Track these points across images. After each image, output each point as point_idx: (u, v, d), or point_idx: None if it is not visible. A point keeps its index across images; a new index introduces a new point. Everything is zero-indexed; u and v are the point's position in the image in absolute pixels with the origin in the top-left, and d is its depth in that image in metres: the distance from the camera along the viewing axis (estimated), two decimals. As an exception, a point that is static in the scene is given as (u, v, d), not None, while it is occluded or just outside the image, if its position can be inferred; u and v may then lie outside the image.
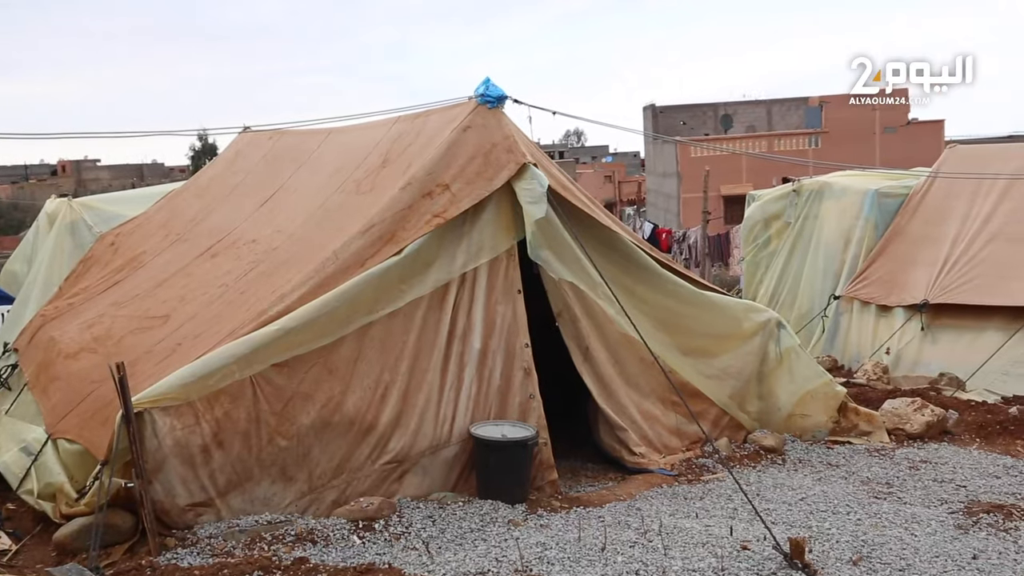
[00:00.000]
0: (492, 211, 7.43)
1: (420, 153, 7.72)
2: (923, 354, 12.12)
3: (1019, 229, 12.24)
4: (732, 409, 8.68)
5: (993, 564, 5.63)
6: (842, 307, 13.61)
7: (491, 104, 7.63)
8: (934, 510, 6.84)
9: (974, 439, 9.08)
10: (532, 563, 5.65)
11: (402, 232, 7.16)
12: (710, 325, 8.52)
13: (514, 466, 7.04)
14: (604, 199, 53.45)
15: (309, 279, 6.90)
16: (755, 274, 15.98)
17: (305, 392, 6.65)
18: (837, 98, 45.69)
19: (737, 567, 5.51)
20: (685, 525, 6.36)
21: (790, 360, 8.79)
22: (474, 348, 7.32)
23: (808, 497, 7.13)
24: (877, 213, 13.81)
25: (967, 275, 12.11)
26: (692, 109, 53.84)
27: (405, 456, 7.00)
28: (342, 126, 9.96)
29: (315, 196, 8.70)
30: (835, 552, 5.85)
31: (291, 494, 6.59)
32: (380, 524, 6.37)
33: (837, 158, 29.43)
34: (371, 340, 6.97)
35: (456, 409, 7.25)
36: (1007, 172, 12.99)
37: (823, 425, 8.93)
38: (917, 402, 9.37)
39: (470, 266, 7.37)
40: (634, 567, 5.54)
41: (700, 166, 26.59)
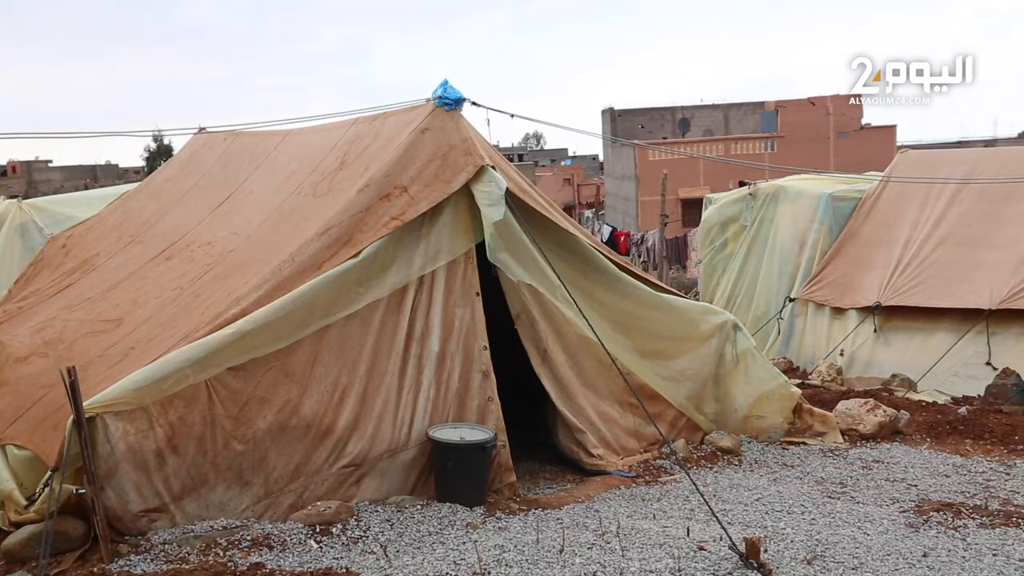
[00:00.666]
0: (450, 214, 7.42)
1: (378, 155, 7.69)
2: (876, 355, 12.33)
3: (967, 233, 12.49)
4: (689, 411, 8.74)
5: (942, 561, 5.73)
6: (797, 309, 13.80)
7: (449, 106, 7.62)
8: (886, 509, 6.94)
9: (925, 439, 9.24)
10: (490, 566, 5.65)
11: (359, 235, 7.12)
12: (667, 327, 8.58)
13: (472, 469, 7.03)
14: (563, 202, 53.63)
15: (265, 282, 6.84)
16: (712, 276, 16.14)
17: (261, 396, 6.59)
18: (792, 103, 46.35)
19: (694, 567, 5.56)
20: (643, 526, 6.39)
21: (746, 362, 8.88)
22: (432, 351, 7.31)
23: (764, 497, 7.20)
24: (831, 216, 14.03)
25: (918, 278, 12.34)
26: (650, 113, 54.24)
27: (363, 459, 6.96)
28: (299, 128, 9.89)
29: (272, 198, 8.63)
30: (790, 551, 5.91)
31: (247, 499, 6.52)
32: (338, 528, 6.33)
33: (792, 162, 29.82)
34: (328, 343, 6.93)
35: (414, 412, 7.22)
36: (956, 176, 13.25)
37: (779, 426, 9.03)
38: (870, 403, 9.51)
39: (428, 269, 7.35)
40: (592, 568, 5.56)
41: (658, 169, 26.83)
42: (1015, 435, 9.05)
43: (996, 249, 11.98)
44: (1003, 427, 9.25)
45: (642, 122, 53.88)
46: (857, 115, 45.94)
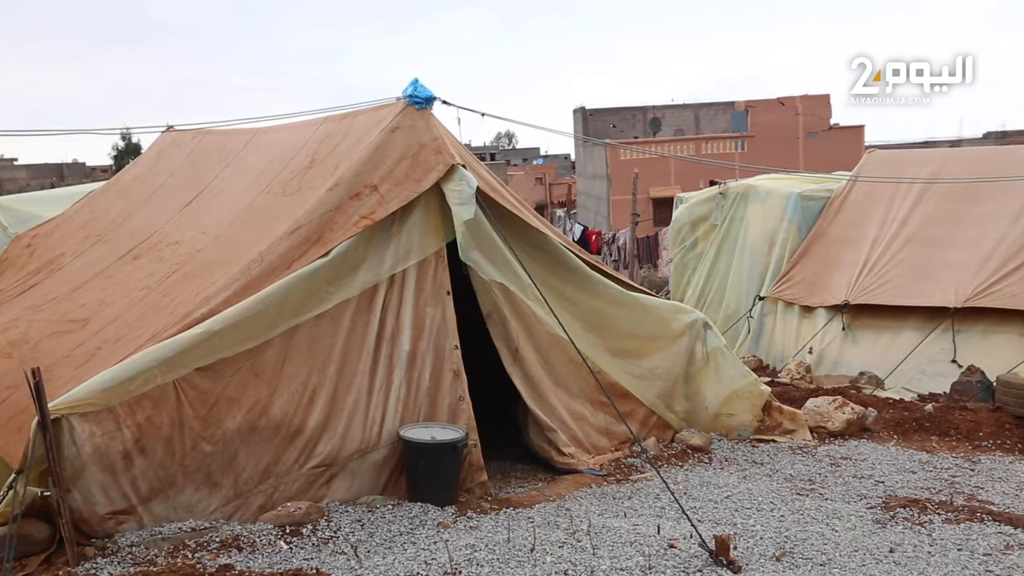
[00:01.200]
0: (421, 213, 7.40)
1: (348, 154, 7.66)
2: (844, 354, 12.45)
3: (933, 232, 12.65)
4: (660, 409, 8.78)
5: (909, 557, 5.79)
6: (767, 308, 13.91)
7: (419, 105, 7.61)
8: (853, 505, 7.01)
9: (892, 436, 9.34)
10: (461, 565, 5.65)
11: (329, 234, 7.09)
12: (638, 326, 8.61)
13: (444, 468, 7.02)
14: (535, 201, 53.68)
15: (234, 281, 6.79)
16: (683, 275, 16.24)
17: (231, 396, 6.54)
18: (762, 103, 46.73)
19: (664, 565, 5.58)
20: (613, 524, 6.41)
21: (716, 360, 8.93)
22: (403, 350, 7.29)
23: (734, 495, 7.25)
24: (800, 216, 14.15)
25: (885, 277, 12.48)
26: (621, 112, 54.46)
27: (333, 460, 6.93)
28: (268, 126, 9.83)
29: (241, 197, 8.57)
30: (759, 548, 5.96)
31: (216, 500, 6.47)
32: (308, 529, 6.29)
33: (762, 161, 30.06)
34: (298, 343, 6.89)
35: (385, 412, 7.20)
36: (923, 176, 13.42)
37: (748, 424, 9.09)
38: (838, 400, 9.59)
39: (399, 268, 7.33)
40: (563, 567, 5.57)
41: (629, 169, 26.93)
42: (979, 431, 9.17)
43: (961, 248, 12.14)
44: (968, 424, 9.37)
45: (614, 121, 54.08)
46: (826, 115, 46.43)
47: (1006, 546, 5.97)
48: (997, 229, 12.03)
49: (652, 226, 32.32)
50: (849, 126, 46.99)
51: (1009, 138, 46.26)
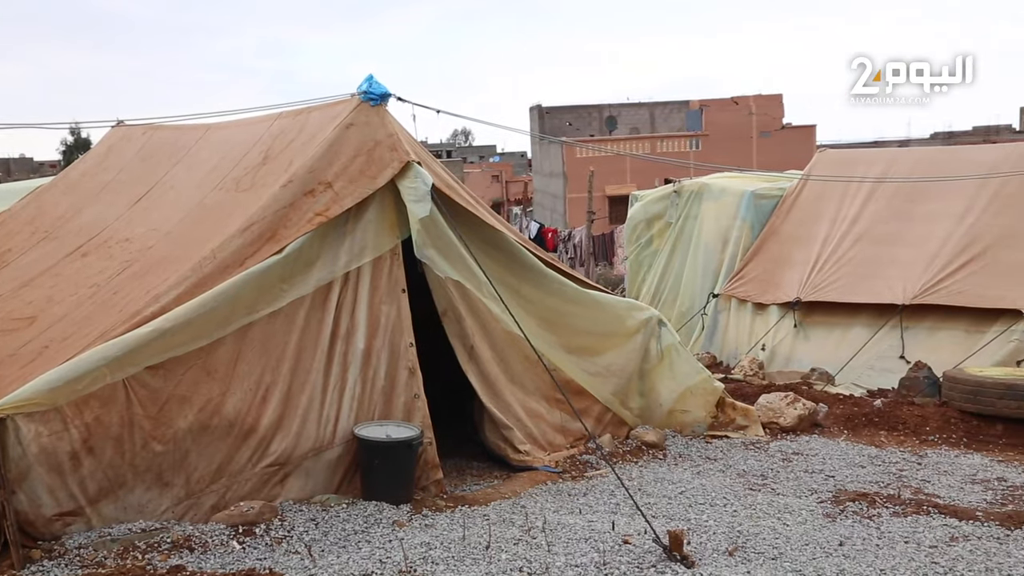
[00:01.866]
0: (376, 210, 7.37)
1: (302, 150, 7.59)
2: (796, 350, 12.62)
3: (883, 230, 12.86)
4: (615, 406, 8.83)
5: (858, 550, 5.89)
6: (720, 305, 14.05)
7: (374, 101, 7.57)
8: (805, 500, 7.11)
9: (842, 431, 9.49)
10: (416, 563, 5.63)
11: (283, 231, 7.02)
12: (594, 323, 8.65)
13: (399, 466, 7.00)
14: (491, 199, 53.70)
15: (186, 279, 6.70)
16: (638, 273, 16.34)
17: (182, 395, 6.46)
18: (716, 102, 47.18)
19: (618, 561, 5.61)
20: (568, 521, 6.44)
21: (671, 357, 9.01)
22: (358, 348, 7.25)
23: (687, 490, 7.32)
24: (753, 214, 14.30)
25: (836, 274, 12.66)
26: (577, 110, 54.66)
27: (287, 459, 6.87)
28: (221, 122, 9.70)
29: (193, 194, 8.46)
30: (712, 543, 6.01)
31: (167, 500, 6.39)
32: (261, 528, 6.24)
33: (717, 160, 30.35)
34: (251, 341, 6.82)
35: (340, 410, 7.16)
36: (872, 175, 13.63)
37: (702, 420, 9.18)
38: (790, 396, 9.73)
39: (353, 265, 7.29)
40: (518, 564, 5.58)
41: (585, 167, 27.01)
42: (926, 426, 9.36)
43: (909, 246, 12.36)
44: (915, 418, 9.55)
45: (570, 120, 54.25)
46: (779, 115, 47.01)
47: (951, 538, 6.10)
48: (943, 227, 12.26)
49: (608, 224, 32.49)
50: (801, 126, 47.68)
51: (955, 138, 47.20)
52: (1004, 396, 9.09)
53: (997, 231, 11.83)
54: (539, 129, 51.14)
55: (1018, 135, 47.65)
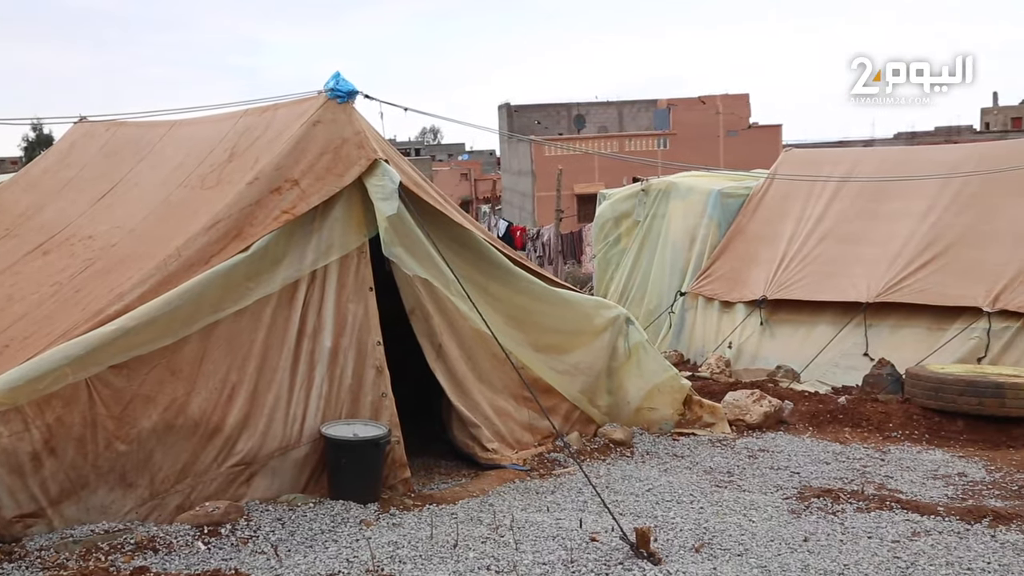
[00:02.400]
0: (343, 208, 7.33)
1: (268, 148, 7.54)
2: (762, 348, 12.73)
3: (847, 229, 13.00)
4: (583, 404, 8.85)
5: (822, 545, 5.95)
6: (688, 303, 14.13)
7: (341, 99, 7.53)
8: (770, 496, 7.17)
9: (807, 428, 9.59)
10: (384, 562, 5.62)
11: (249, 228, 6.97)
12: (562, 321, 8.67)
13: (366, 465, 6.97)
14: (460, 197, 53.63)
15: (150, 277, 6.63)
16: (606, 271, 16.39)
17: (146, 394, 6.39)
18: (684, 101, 47.45)
19: (586, 558, 5.63)
20: (536, 519, 6.45)
21: (638, 355, 9.05)
22: (325, 347, 7.21)
23: (655, 488, 7.36)
24: (720, 212, 14.39)
25: (801, 272, 12.78)
26: (546, 109, 54.75)
27: (253, 458, 6.82)
28: (186, 118, 9.60)
29: (157, 191, 8.37)
30: (679, 540, 6.05)
31: (131, 501, 6.32)
32: (227, 529, 6.18)
33: (684, 159, 30.51)
34: (217, 339, 6.76)
35: (306, 409, 7.11)
36: (837, 175, 13.77)
37: (669, 418, 9.23)
38: (756, 394, 9.81)
39: (320, 263, 7.25)
40: (485, 562, 5.58)
41: (554, 165, 27.07)
42: (889, 422, 9.48)
43: (873, 245, 12.50)
44: (879, 415, 9.67)
45: (538, 118, 54.33)
46: (745, 114, 47.39)
47: (913, 533, 6.18)
48: (906, 226, 12.42)
49: (576, 222, 32.53)
50: (767, 125, 48.07)
51: (918, 139, 47.80)
52: (965, 393, 9.24)
53: (959, 230, 12.01)
54: (508, 127, 51.16)
55: (979, 136, 48.36)
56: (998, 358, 10.59)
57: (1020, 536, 6.10)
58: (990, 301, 10.89)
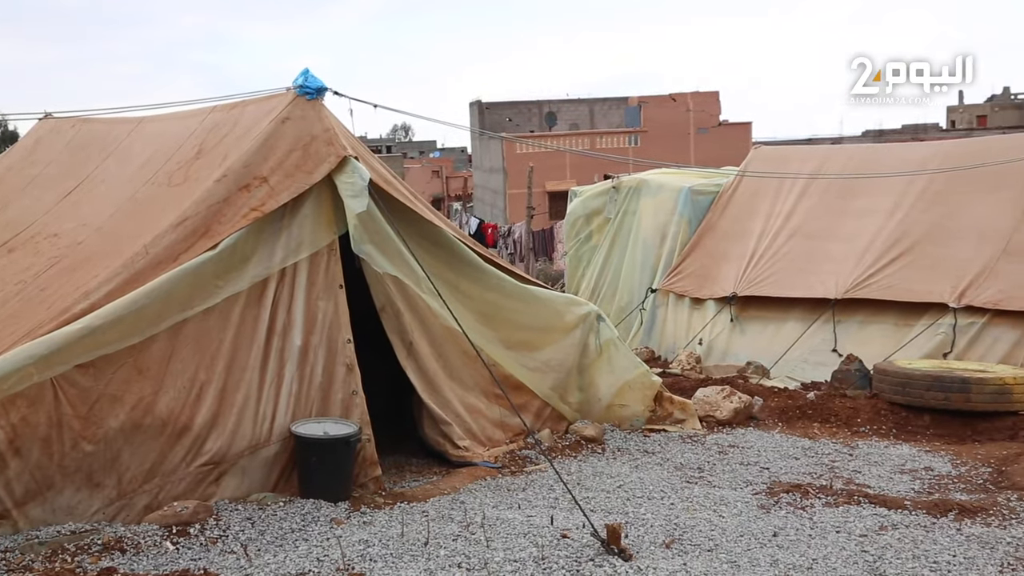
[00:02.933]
0: (312, 205, 7.29)
1: (236, 144, 7.48)
2: (732, 344, 12.80)
3: (816, 226, 13.10)
4: (554, 401, 8.87)
5: (791, 540, 6.00)
6: (658, 300, 14.18)
7: (310, 95, 7.49)
8: (740, 492, 7.22)
9: (777, 423, 9.66)
10: (354, 561, 5.59)
11: (217, 226, 6.92)
12: (532, 319, 8.67)
13: (337, 464, 6.94)
14: (432, 194, 53.53)
15: (117, 275, 6.56)
16: (577, 268, 16.40)
17: (113, 393, 6.32)
18: (655, 98, 47.62)
19: (557, 555, 5.64)
20: (507, 516, 6.45)
21: (609, 352, 9.07)
22: (295, 345, 7.17)
23: (625, 484, 7.38)
24: (690, 209, 14.45)
25: (771, 269, 12.87)
26: (517, 106, 54.72)
27: (222, 457, 6.78)
28: (154, 115, 9.51)
29: (124, 188, 8.28)
30: (649, 536, 6.08)
31: (98, 501, 6.25)
32: (196, 528, 6.13)
33: (655, 156, 30.64)
34: (185, 338, 6.71)
35: (276, 407, 7.07)
36: (806, 172, 13.88)
37: (640, 414, 9.27)
38: (726, 390, 9.87)
39: (290, 261, 7.20)
40: (456, 560, 5.57)
41: (525, 162, 27.08)
42: (857, 418, 9.58)
43: (841, 241, 12.61)
44: (847, 410, 9.76)
45: (510, 115, 54.29)
46: (716, 112, 47.67)
47: (880, 527, 6.24)
48: (874, 223, 12.54)
49: (548, 219, 32.56)
50: (737, 123, 48.38)
51: (885, 136, 48.27)
52: (931, 388, 9.35)
53: (925, 227, 12.14)
54: (479, 125, 51.08)
55: (945, 134, 48.93)
56: (963, 353, 10.73)
57: (985, 529, 6.18)
58: (956, 297, 11.03)
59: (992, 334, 10.72)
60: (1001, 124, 50.54)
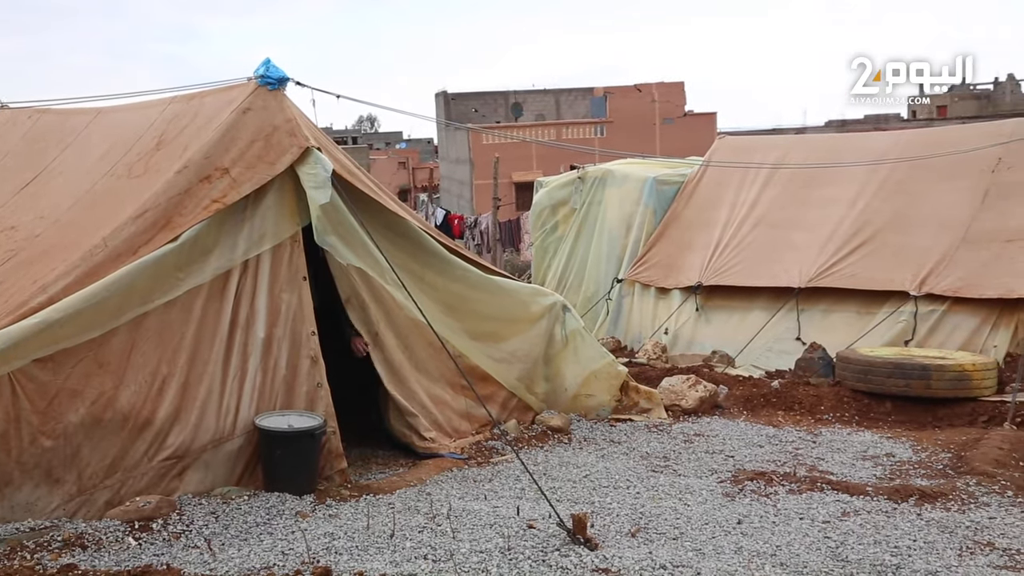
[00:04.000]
0: (275, 196, 7.22)
1: (197, 135, 7.38)
2: (698, 333, 12.88)
3: (780, 215, 13.20)
4: (520, 391, 8.87)
5: (755, 527, 6.05)
6: (624, 290, 14.22)
7: (272, 86, 7.41)
8: (705, 480, 7.27)
9: (742, 412, 9.74)
10: (320, 554, 5.56)
11: (178, 218, 6.83)
12: (498, 309, 8.66)
13: (301, 456, 6.90)
14: (398, 185, 53.35)
15: (75, 268, 6.46)
16: (543, 259, 16.40)
17: (72, 388, 6.23)
18: (620, 89, 47.70)
19: (523, 545, 5.64)
20: (474, 507, 6.45)
21: (575, 342, 9.09)
22: (258, 337, 7.10)
23: (592, 474, 7.40)
24: (655, 200, 14.50)
25: (735, 258, 12.95)
26: (483, 97, 54.56)
27: (185, 451, 6.71)
28: (113, 106, 9.35)
29: (83, 180, 8.14)
30: (615, 525, 6.10)
31: (58, 497, 6.17)
32: (158, 523, 6.06)
33: (621, 146, 30.66)
34: (146, 331, 6.62)
35: (240, 400, 7.01)
36: (769, 162, 13.97)
37: (606, 404, 9.30)
38: (692, 379, 9.93)
39: (252, 253, 7.13)
40: (422, 551, 5.56)
41: (491, 153, 26.98)
42: (821, 405, 9.68)
43: (804, 230, 12.72)
44: (811, 398, 9.86)
45: (476, 106, 54.12)
46: (681, 102, 47.84)
47: (843, 513, 6.32)
48: (836, 212, 12.66)
49: (514, 210, 32.53)
50: (703, 113, 48.58)
51: (848, 126, 48.70)
52: (892, 375, 9.47)
53: (886, 216, 12.28)
54: (445, 115, 50.90)
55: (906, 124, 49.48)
56: (924, 340, 10.87)
57: (944, 514, 6.27)
58: (916, 285, 11.16)
59: (952, 321, 10.86)
60: (961, 114, 51.18)
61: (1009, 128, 12.63)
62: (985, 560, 5.45)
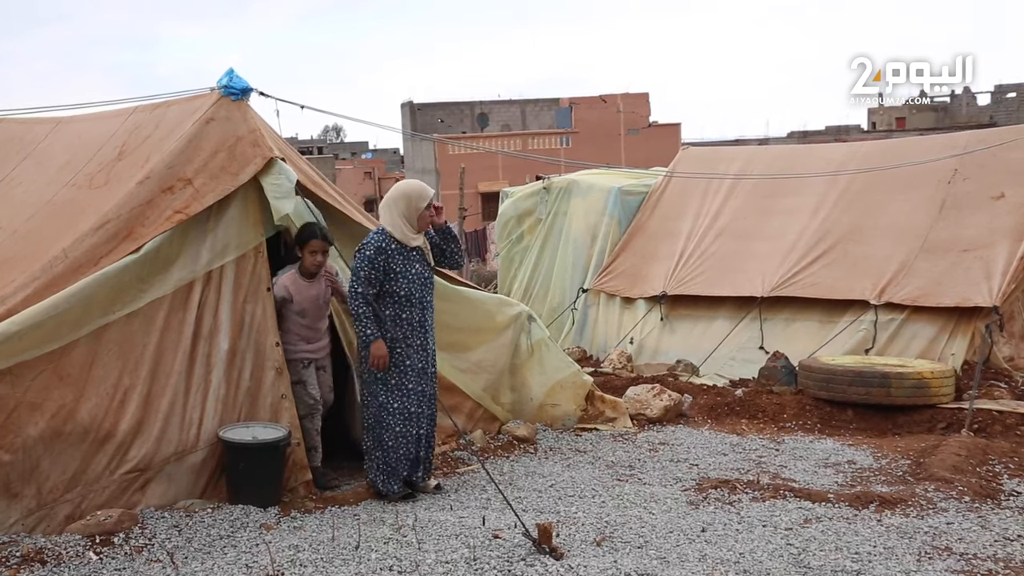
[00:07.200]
0: (238, 207, 7.18)
1: (159, 146, 7.33)
2: (663, 343, 12.96)
3: (742, 225, 13.33)
4: (486, 401, 8.87)
5: (719, 535, 6.10)
6: (590, 300, 14.29)
7: (235, 96, 7.37)
8: (670, 489, 7.32)
9: (706, 420, 9.81)
10: (284, 566, 5.54)
11: (140, 229, 6.77)
12: (464, 320, 8.66)
13: (266, 468, 6.85)
14: (364, 195, 53.16)
15: (34, 279, 6.38)
16: (509, 269, 16.43)
17: (31, 401, 6.14)
18: (585, 100, 48.00)
19: (488, 556, 5.65)
20: (439, 518, 6.45)
21: (541, 352, 9.11)
22: (222, 349, 7.05)
23: (557, 483, 7.43)
24: (620, 210, 14.58)
25: (699, 268, 13.06)
26: (449, 107, 54.69)
27: (148, 464, 6.63)
28: (73, 115, 9.26)
29: (42, 191, 8.05)
30: (580, 534, 6.12)
31: (16, 512, 6.07)
32: (120, 537, 6.00)
33: (586, 157, 30.87)
34: (108, 343, 6.55)
35: (203, 412, 6.95)
36: (732, 172, 14.12)
37: (572, 413, 9.33)
38: (656, 388, 9.98)
39: (216, 264, 7.08)
40: (388, 563, 5.55)
41: (458, 163, 27.04)
42: (784, 413, 9.77)
43: (767, 240, 12.85)
44: (774, 406, 9.96)
45: (442, 116, 54.23)
46: (645, 113, 48.25)
47: (805, 520, 6.39)
48: (798, 222, 12.80)
49: (480, 220, 32.63)
50: (667, 124, 49.03)
51: (809, 137, 49.38)
52: (854, 383, 9.59)
53: (846, 225, 12.43)
54: (411, 126, 50.91)
55: (866, 135, 50.24)
56: (884, 348, 11.00)
57: (904, 520, 6.37)
58: (876, 294, 11.32)
59: (911, 330, 11.01)
60: (919, 126, 52.07)
61: (964, 140, 12.87)
62: (943, 565, 5.54)
